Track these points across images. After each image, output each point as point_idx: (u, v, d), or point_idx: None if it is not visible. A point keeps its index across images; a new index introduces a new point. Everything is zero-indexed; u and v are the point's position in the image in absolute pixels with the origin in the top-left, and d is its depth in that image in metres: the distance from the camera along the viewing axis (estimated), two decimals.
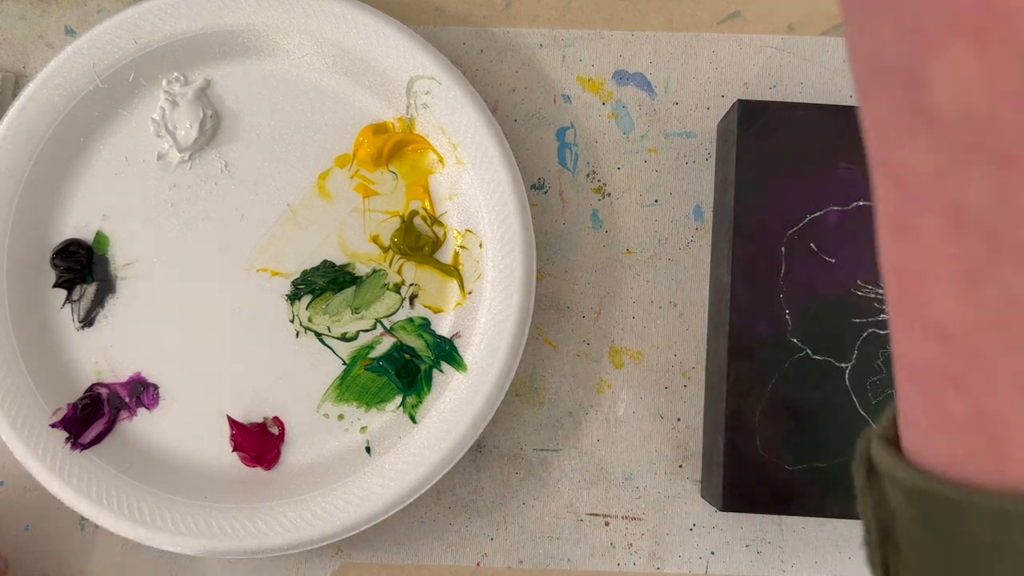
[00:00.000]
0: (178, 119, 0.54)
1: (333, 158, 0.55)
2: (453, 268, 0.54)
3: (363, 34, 0.53)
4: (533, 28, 0.56)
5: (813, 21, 0.56)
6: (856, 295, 0.49)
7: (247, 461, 0.53)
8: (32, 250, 0.53)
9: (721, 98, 0.55)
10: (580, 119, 0.56)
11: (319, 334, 0.54)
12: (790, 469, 0.48)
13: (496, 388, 0.51)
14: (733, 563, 0.53)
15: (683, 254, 0.55)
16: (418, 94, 0.53)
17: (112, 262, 0.54)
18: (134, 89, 0.54)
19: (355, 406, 0.54)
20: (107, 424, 0.53)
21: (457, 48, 0.56)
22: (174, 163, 0.54)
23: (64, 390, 0.53)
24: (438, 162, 0.54)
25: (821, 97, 0.55)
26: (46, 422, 0.52)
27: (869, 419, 0.48)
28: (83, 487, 0.51)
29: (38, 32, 0.56)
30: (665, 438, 0.54)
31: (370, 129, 0.54)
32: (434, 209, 0.54)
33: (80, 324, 0.54)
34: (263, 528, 0.51)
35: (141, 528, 0.50)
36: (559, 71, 0.56)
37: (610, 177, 0.55)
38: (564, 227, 0.55)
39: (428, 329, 0.54)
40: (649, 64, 0.56)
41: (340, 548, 0.54)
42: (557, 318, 0.55)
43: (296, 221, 0.54)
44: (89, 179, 0.54)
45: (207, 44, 0.54)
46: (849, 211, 0.49)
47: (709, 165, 0.55)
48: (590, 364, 0.54)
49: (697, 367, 0.54)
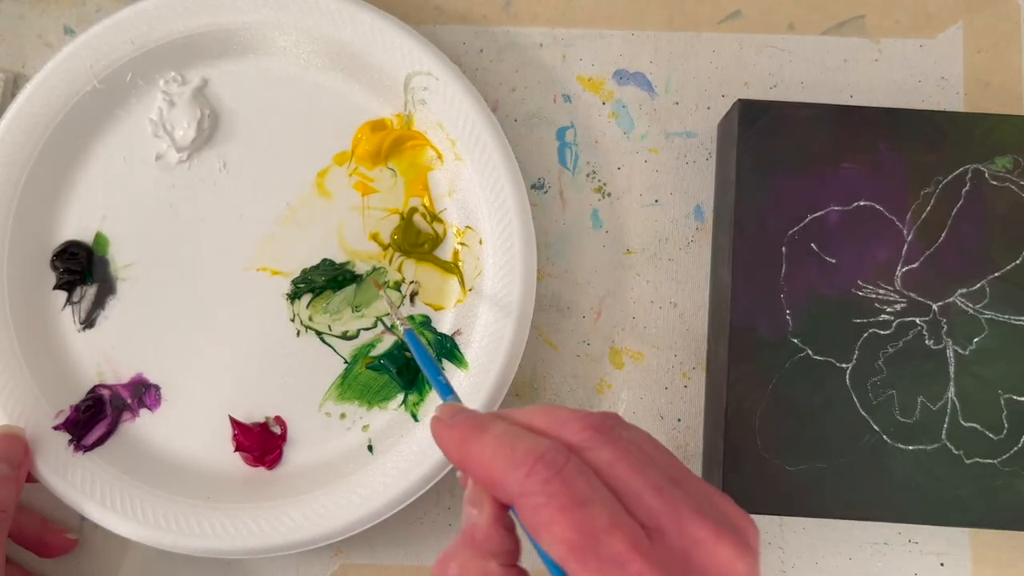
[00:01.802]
0: (176, 119, 0.54)
1: (332, 156, 0.54)
2: (453, 265, 0.54)
3: (359, 31, 0.53)
4: (533, 27, 0.56)
5: (813, 20, 0.55)
6: (857, 295, 0.49)
7: (249, 461, 0.53)
8: (32, 252, 0.53)
9: (722, 97, 0.55)
10: (580, 119, 0.55)
11: (320, 333, 0.54)
12: (791, 470, 0.48)
13: (498, 385, 0.51)
14: None
15: (684, 254, 0.55)
16: (416, 90, 0.53)
17: (112, 263, 0.54)
18: (131, 89, 0.54)
19: (357, 405, 0.54)
20: (110, 425, 0.53)
21: (457, 47, 0.56)
22: (172, 163, 0.54)
23: (66, 392, 0.53)
24: (437, 158, 0.54)
25: (822, 97, 0.55)
26: (49, 424, 0.52)
27: (869, 419, 0.48)
28: (87, 488, 0.51)
29: (37, 32, 0.56)
30: (665, 438, 0.54)
31: (368, 126, 0.54)
32: (433, 206, 0.54)
33: (81, 326, 0.54)
34: (266, 528, 0.51)
35: (145, 529, 0.51)
36: (559, 70, 0.56)
37: (610, 177, 0.55)
38: (564, 227, 0.55)
39: (429, 327, 0.54)
40: (649, 63, 0.56)
41: (339, 549, 0.54)
42: (557, 318, 0.55)
43: (295, 220, 0.54)
44: (88, 180, 0.54)
45: (204, 43, 0.54)
46: (850, 211, 0.49)
47: (710, 165, 0.55)
48: (590, 364, 0.55)
49: (697, 367, 0.54)
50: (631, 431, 0.36)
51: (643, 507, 0.33)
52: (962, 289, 0.49)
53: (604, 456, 0.34)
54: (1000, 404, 0.48)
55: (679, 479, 0.35)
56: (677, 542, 0.32)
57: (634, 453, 0.34)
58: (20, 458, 0.50)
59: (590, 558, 0.31)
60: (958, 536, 0.53)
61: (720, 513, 0.34)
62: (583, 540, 0.31)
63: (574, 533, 0.31)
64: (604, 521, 0.31)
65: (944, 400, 0.48)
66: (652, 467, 0.34)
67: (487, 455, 0.34)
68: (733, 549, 0.32)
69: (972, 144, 0.49)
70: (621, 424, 0.37)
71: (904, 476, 0.48)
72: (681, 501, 0.33)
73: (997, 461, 0.48)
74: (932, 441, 0.48)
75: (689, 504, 0.33)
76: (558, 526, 0.31)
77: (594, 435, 0.34)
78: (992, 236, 0.49)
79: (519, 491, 0.33)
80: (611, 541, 0.31)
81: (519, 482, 0.33)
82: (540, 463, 0.33)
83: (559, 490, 0.32)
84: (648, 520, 0.32)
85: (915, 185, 0.49)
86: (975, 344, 0.48)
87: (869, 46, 0.55)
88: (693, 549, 0.32)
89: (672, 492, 0.33)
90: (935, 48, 0.55)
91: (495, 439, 0.34)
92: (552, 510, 0.32)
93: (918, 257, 0.49)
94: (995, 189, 0.49)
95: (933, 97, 0.55)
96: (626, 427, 0.37)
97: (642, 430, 0.37)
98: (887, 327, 0.49)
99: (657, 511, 0.33)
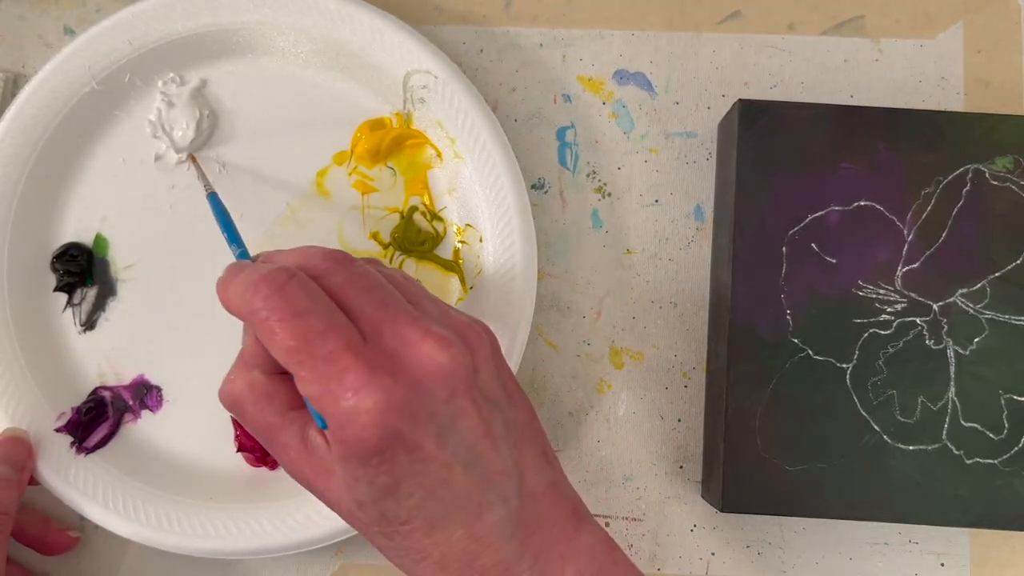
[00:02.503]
0: (175, 120, 0.54)
1: (331, 155, 0.54)
2: (454, 263, 0.54)
3: (358, 30, 0.53)
4: (533, 27, 0.56)
5: (813, 20, 0.55)
6: (857, 295, 0.49)
7: (252, 461, 0.53)
8: (32, 254, 0.53)
9: (722, 97, 0.55)
10: (580, 119, 0.55)
11: None
12: (791, 470, 0.48)
13: None
14: (734, 564, 0.53)
15: (684, 254, 0.55)
16: (415, 89, 0.53)
17: (112, 264, 0.54)
18: (130, 90, 0.54)
19: None
20: (111, 427, 0.53)
21: (457, 47, 0.56)
22: (172, 164, 0.54)
23: (68, 394, 0.53)
24: (436, 157, 0.54)
25: (822, 96, 0.55)
26: (51, 426, 0.52)
27: (870, 419, 0.48)
28: (89, 490, 0.51)
29: (37, 32, 0.56)
30: (666, 439, 0.54)
31: (367, 125, 0.54)
32: (433, 204, 0.54)
33: (82, 327, 0.54)
34: (268, 528, 0.51)
35: (147, 530, 0.51)
36: (559, 70, 0.56)
37: (610, 177, 0.55)
38: (564, 227, 0.55)
39: None
40: (649, 63, 0.55)
41: (340, 549, 0.54)
42: (557, 318, 0.55)
43: (295, 219, 0.54)
44: (87, 182, 0.54)
45: (202, 44, 0.53)
46: (850, 211, 0.49)
47: (710, 165, 0.55)
48: (590, 364, 0.55)
49: (698, 367, 0.54)
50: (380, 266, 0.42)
51: (365, 319, 0.37)
52: (963, 289, 0.49)
53: (337, 279, 0.38)
54: (1000, 404, 0.48)
55: (415, 300, 0.39)
56: (390, 343, 0.36)
57: (370, 279, 0.38)
58: (23, 461, 0.50)
59: (305, 359, 0.35)
60: (958, 536, 0.53)
61: (444, 323, 0.38)
62: (300, 344, 0.35)
63: (292, 339, 0.35)
64: (320, 327, 0.35)
65: (944, 400, 0.48)
66: (384, 289, 0.38)
67: (234, 287, 0.38)
68: (437, 343, 0.36)
69: (972, 144, 0.49)
70: (373, 262, 0.42)
71: (904, 476, 0.48)
72: (402, 311, 0.37)
73: (997, 461, 0.48)
74: (932, 441, 0.48)
75: (410, 314, 0.37)
76: (279, 336, 0.35)
77: (333, 264, 0.38)
78: (993, 236, 0.49)
79: (248, 310, 0.36)
80: (325, 343, 0.35)
81: (248, 302, 0.36)
82: (263, 282, 0.36)
83: (279, 304, 0.36)
84: (368, 329, 0.37)
85: (915, 185, 0.49)
86: (976, 344, 0.48)
87: (869, 46, 0.55)
88: (403, 349, 0.36)
89: (395, 305, 0.37)
90: (935, 48, 0.55)
91: (243, 273, 0.38)
92: (273, 322, 0.36)
93: (918, 257, 0.49)
94: (996, 189, 0.49)
95: (933, 97, 0.55)
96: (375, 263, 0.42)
97: (400, 271, 0.43)
98: (887, 327, 0.49)
99: (377, 320, 0.37)
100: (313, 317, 0.36)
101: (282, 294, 0.36)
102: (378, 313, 0.37)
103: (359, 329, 0.36)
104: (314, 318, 0.36)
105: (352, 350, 0.35)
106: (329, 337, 0.35)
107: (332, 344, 0.35)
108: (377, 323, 0.37)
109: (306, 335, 0.35)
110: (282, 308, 0.36)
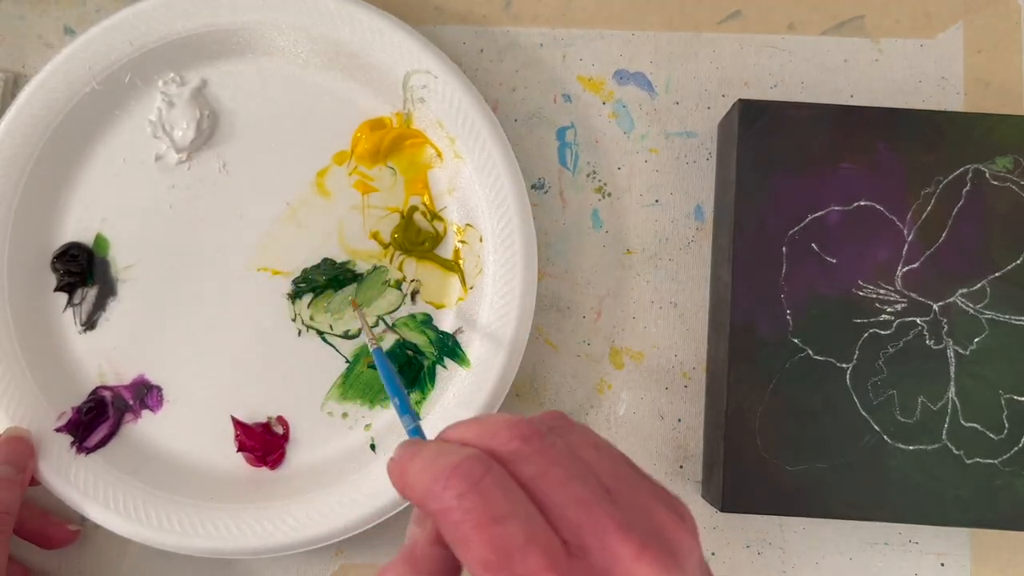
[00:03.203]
0: (175, 119, 0.54)
1: (331, 155, 0.54)
2: (454, 263, 0.54)
3: (358, 30, 0.53)
4: (533, 27, 0.56)
5: (813, 20, 0.55)
6: (857, 295, 0.49)
7: (252, 461, 0.53)
8: (33, 254, 0.53)
9: (722, 97, 0.55)
10: (580, 119, 0.55)
11: (321, 332, 0.54)
12: (791, 470, 0.48)
13: (500, 384, 0.52)
14: (734, 564, 0.53)
15: (684, 254, 0.55)
16: (414, 88, 0.53)
17: (112, 264, 0.54)
18: (130, 91, 0.54)
19: (359, 404, 0.54)
20: (112, 427, 0.53)
21: (457, 47, 0.56)
22: (172, 164, 0.54)
23: (68, 394, 0.53)
24: (436, 156, 0.54)
25: (822, 97, 0.55)
26: (51, 426, 0.52)
27: (870, 419, 0.48)
28: (90, 490, 0.51)
29: (37, 32, 0.56)
30: (665, 438, 0.54)
31: (367, 125, 0.54)
32: (434, 204, 0.54)
33: (82, 327, 0.54)
34: (269, 528, 0.51)
35: (148, 530, 0.51)
36: (559, 70, 0.56)
37: (610, 177, 0.55)
38: (564, 227, 0.55)
39: (430, 325, 0.54)
40: (649, 63, 0.55)
41: (340, 549, 0.54)
42: (557, 318, 0.55)
43: (296, 219, 0.54)
44: (87, 182, 0.54)
45: (202, 44, 0.53)
46: (850, 211, 0.49)
47: (710, 165, 0.55)
48: (591, 364, 0.55)
49: (698, 367, 0.54)
50: (571, 436, 0.35)
51: (566, 522, 0.32)
52: (963, 289, 0.49)
53: (530, 469, 0.33)
54: (1000, 404, 0.48)
55: (615, 488, 0.33)
56: (599, 559, 0.31)
57: (565, 463, 0.33)
58: (25, 461, 0.50)
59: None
60: (958, 536, 0.53)
61: (652, 526, 0.33)
62: (498, 560, 0.30)
63: (490, 552, 0.30)
64: (521, 538, 0.30)
65: (944, 400, 0.48)
66: (582, 478, 0.33)
67: (416, 473, 0.33)
68: (653, 566, 0.31)
69: (972, 144, 0.49)
70: (560, 427, 0.36)
71: (904, 476, 0.48)
72: (607, 516, 0.32)
73: (997, 461, 0.48)
74: (932, 441, 0.48)
75: (616, 519, 0.32)
76: (474, 544, 0.31)
77: (522, 445, 0.33)
78: (992, 236, 0.49)
79: (438, 507, 0.32)
80: (527, 559, 0.30)
81: (437, 497, 0.31)
82: (455, 476, 0.31)
83: (475, 505, 0.31)
84: (571, 536, 0.31)
85: (915, 185, 0.49)
86: (976, 344, 0.48)
87: (869, 46, 0.55)
88: (614, 566, 0.31)
89: (599, 506, 0.32)
90: (935, 48, 0.55)
91: (424, 458, 0.33)
92: (468, 527, 0.31)
93: (918, 257, 0.49)
94: (996, 189, 0.49)
95: (933, 97, 0.55)
96: (565, 431, 0.35)
97: (587, 431, 0.36)
98: (887, 327, 0.49)
99: (581, 526, 0.31)
100: (512, 524, 0.31)
101: (478, 493, 0.31)
102: (581, 516, 0.32)
103: (559, 535, 0.31)
104: (513, 525, 0.31)
105: (558, 569, 0.30)
106: (530, 552, 0.30)
107: (535, 561, 0.30)
108: (580, 531, 0.31)
109: (506, 548, 0.30)
110: (479, 511, 0.31)
